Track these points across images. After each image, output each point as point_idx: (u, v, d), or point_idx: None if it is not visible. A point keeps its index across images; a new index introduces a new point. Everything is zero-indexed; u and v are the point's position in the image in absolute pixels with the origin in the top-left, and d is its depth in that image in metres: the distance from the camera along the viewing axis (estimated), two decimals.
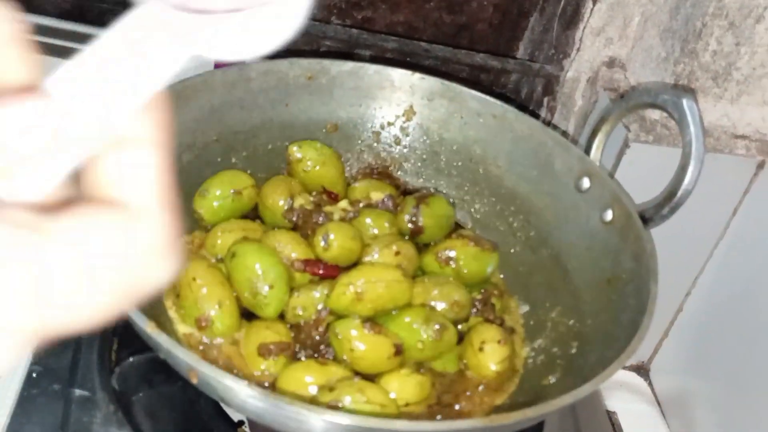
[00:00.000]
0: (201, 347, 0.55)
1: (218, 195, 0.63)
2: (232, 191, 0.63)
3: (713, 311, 0.75)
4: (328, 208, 0.64)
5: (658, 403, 0.80)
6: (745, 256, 0.72)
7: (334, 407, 0.48)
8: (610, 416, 0.75)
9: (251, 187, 0.65)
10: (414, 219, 0.65)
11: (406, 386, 0.53)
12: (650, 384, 0.82)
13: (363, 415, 0.48)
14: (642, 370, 0.83)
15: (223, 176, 0.64)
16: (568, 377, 0.55)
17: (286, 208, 0.63)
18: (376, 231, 0.63)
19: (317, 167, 0.67)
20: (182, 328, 0.56)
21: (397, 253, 0.60)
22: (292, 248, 0.59)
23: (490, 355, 0.57)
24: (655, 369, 0.82)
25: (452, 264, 0.62)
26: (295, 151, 0.67)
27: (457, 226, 0.69)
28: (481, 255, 0.63)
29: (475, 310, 0.61)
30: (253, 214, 0.66)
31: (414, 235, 0.65)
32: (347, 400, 0.49)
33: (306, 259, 0.59)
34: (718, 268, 0.75)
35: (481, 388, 0.57)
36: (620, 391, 0.79)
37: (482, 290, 0.63)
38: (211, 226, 0.63)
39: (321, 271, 0.59)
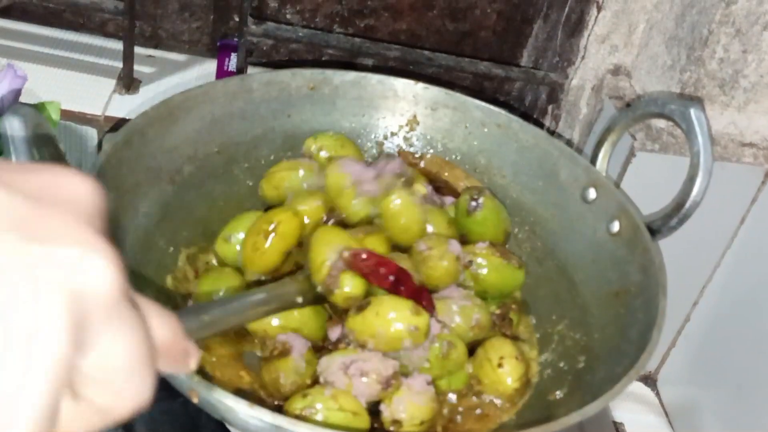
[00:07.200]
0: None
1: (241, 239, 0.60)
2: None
3: (721, 321, 0.74)
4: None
5: (666, 414, 0.79)
6: (753, 266, 0.71)
7: (305, 417, 0.48)
8: (617, 428, 0.74)
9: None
10: (475, 204, 0.63)
11: (418, 404, 0.52)
12: (657, 394, 0.81)
13: (335, 423, 0.48)
14: (649, 380, 0.82)
15: (246, 219, 0.61)
16: (575, 392, 0.54)
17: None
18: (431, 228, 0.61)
19: (336, 152, 0.66)
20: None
21: None
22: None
23: (509, 372, 0.56)
24: (663, 379, 0.81)
25: (472, 267, 0.60)
26: (311, 144, 0.66)
27: None
28: (504, 268, 0.61)
29: (492, 324, 0.60)
30: None
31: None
32: (319, 407, 0.49)
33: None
34: (726, 277, 0.74)
35: (487, 403, 0.56)
36: (627, 402, 0.78)
37: (500, 304, 0.62)
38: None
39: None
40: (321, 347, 0.56)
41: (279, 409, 0.51)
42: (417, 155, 0.71)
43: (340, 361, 0.52)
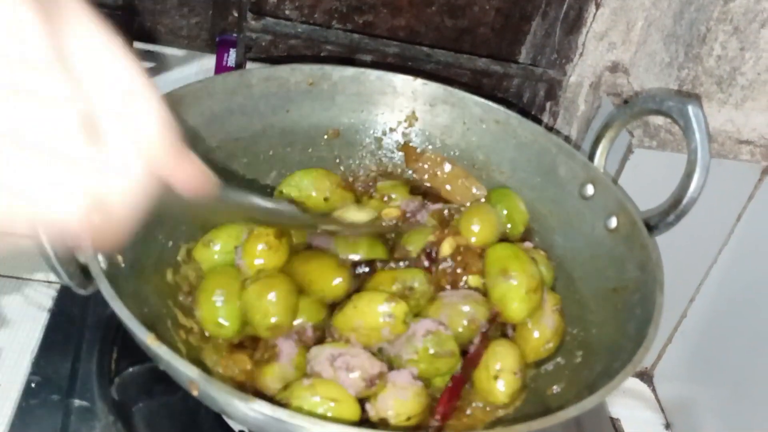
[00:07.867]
0: (201, 343, 0.55)
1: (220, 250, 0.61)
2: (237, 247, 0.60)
3: (717, 317, 0.75)
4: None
5: (662, 410, 0.79)
6: (750, 262, 0.71)
7: (283, 404, 0.48)
8: (614, 423, 0.74)
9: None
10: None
11: (403, 399, 0.52)
12: (654, 390, 0.81)
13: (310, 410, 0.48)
14: (645, 376, 0.82)
15: (229, 229, 0.61)
16: (573, 387, 0.55)
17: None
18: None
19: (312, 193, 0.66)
20: (183, 320, 0.55)
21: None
22: None
23: (504, 386, 0.55)
24: (659, 375, 0.82)
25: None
26: (282, 189, 0.66)
27: None
28: (549, 265, 0.63)
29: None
30: None
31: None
32: (296, 395, 0.49)
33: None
34: (722, 274, 0.74)
35: (474, 407, 0.56)
36: (623, 398, 0.78)
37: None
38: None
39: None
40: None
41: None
42: (418, 150, 0.71)
43: (328, 352, 0.52)
